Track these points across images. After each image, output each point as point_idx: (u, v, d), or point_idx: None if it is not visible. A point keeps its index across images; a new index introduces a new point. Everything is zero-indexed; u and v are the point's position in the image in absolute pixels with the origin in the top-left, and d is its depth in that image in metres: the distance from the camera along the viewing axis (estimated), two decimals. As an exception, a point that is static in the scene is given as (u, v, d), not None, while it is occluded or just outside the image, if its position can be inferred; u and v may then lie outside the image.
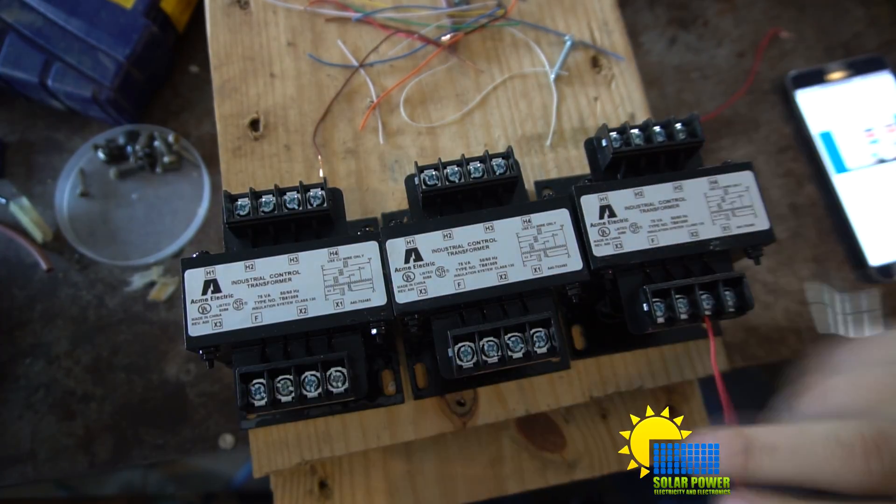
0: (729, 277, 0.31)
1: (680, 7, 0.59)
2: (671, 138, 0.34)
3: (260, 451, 0.37)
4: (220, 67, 0.43)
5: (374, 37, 0.44)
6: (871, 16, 0.58)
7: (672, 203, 0.33)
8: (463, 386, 0.37)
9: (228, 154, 0.41)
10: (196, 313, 0.31)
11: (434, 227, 0.32)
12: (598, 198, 0.33)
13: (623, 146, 0.34)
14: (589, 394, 0.38)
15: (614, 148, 0.34)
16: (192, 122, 0.54)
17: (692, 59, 0.57)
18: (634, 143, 0.34)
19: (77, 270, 0.50)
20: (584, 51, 0.45)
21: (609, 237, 0.32)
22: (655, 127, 0.34)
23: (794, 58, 0.57)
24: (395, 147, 0.42)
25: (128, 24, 0.49)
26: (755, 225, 0.33)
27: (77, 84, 0.48)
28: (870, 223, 0.51)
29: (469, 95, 0.43)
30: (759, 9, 0.58)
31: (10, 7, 0.49)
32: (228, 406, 0.47)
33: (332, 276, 0.32)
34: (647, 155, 0.34)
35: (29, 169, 0.53)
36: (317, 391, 0.29)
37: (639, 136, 0.34)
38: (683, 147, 0.34)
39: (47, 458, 0.46)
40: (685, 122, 0.35)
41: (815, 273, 0.51)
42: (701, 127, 0.34)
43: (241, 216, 0.33)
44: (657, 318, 0.31)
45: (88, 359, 0.48)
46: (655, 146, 0.34)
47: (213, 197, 0.52)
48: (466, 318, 0.32)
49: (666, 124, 0.35)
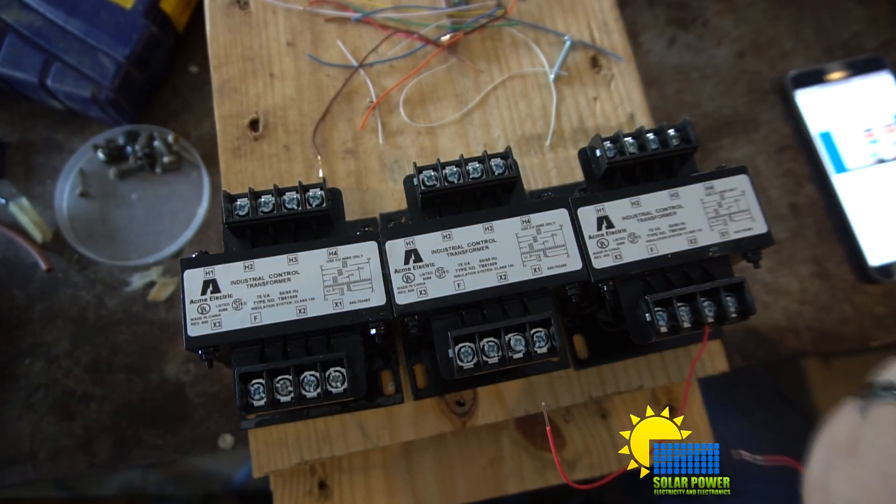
0: (730, 283, 0.31)
1: (679, 7, 0.59)
2: (665, 145, 0.34)
3: (259, 451, 0.37)
4: (220, 67, 0.43)
5: (374, 37, 0.44)
6: (870, 16, 0.58)
7: (669, 211, 0.33)
8: (463, 386, 0.37)
9: (228, 154, 0.41)
10: (195, 313, 0.31)
11: (433, 227, 0.32)
12: (595, 209, 0.33)
13: (617, 155, 0.34)
14: (589, 394, 0.38)
15: (608, 158, 0.34)
16: (191, 122, 0.54)
17: (692, 59, 0.57)
18: (628, 151, 0.34)
19: (77, 270, 0.50)
20: (584, 51, 0.45)
21: (608, 248, 0.32)
22: (649, 134, 0.35)
23: (793, 58, 0.57)
24: (394, 147, 0.42)
25: (127, 24, 0.49)
26: (753, 229, 0.33)
27: (77, 84, 0.48)
28: (869, 223, 0.51)
29: (468, 95, 0.43)
30: (758, 9, 0.58)
31: (10, 7, 0.49)
32: (228, 406, 0.47)
33: (331, 277, 0.32)
34: (642, 163, 0.34)
35: (29, 169, 0.53)
36: (316, 391, 0.29)
37: (632, 144, 0.34)
38: (677, 154, 0.34)
39: (47, 458, 0.46)
40: (678, 128, 0.35)
41: (814, 273, 0.51)
42: (694, 132, 0.34)
43: (241, 216, 0.33)
44: (660, 327, 0.31)
45: (88, 359, 0.48)
46: (650, 154, 0.34)
47: (212, 197, 0.52)
48: (466, 319, 0.32)
49: (659, 131, 0.35)
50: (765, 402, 0.56)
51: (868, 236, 0.50)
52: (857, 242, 0.50)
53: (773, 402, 0.56)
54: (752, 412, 0.54)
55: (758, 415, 0.54)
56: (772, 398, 0.57)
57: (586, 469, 0.40)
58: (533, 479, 0.40)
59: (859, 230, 0.50)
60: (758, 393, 0.57)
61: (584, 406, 0.41)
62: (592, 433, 0.40)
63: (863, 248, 0.50)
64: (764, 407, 0.55)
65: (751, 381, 0.58)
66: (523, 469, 0.40)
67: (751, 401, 0.55)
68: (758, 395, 0.57)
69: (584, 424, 0.41)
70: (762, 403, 0.56)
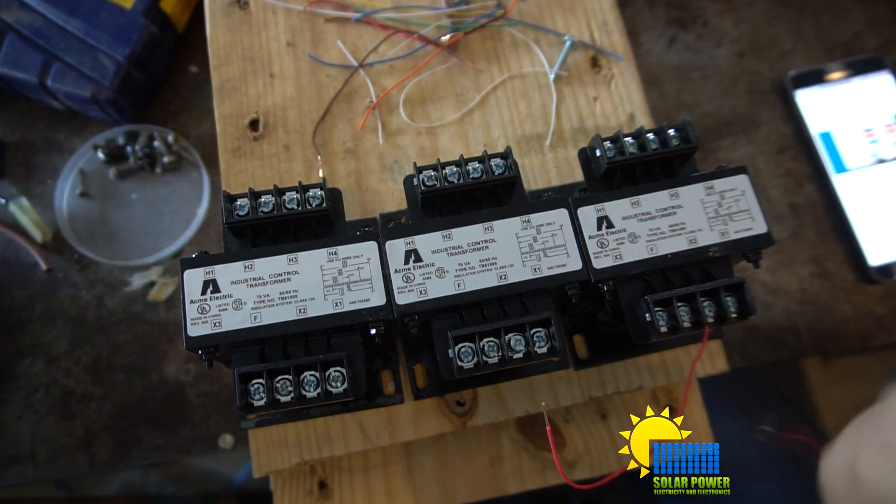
0: (730, 283, 0.31)
1: (679, 7, 0.59)
2: (665, 145, 0.34)
3: (259, 451, 0.37)
4: (220, 67, 0.43)
5: (374, 37, 0.44)
6: (870, 16, 0.58)
7: (669, 211, 0.33)
8: (463, 386, 0.37)
9: (228, 154, 0.41)
10: (195, 313, 0.31)
11: (433, 227, 0.32)
12: (595, 209, 0.33)
13: (617, 155, 0.34)
14: (589, 394, 0.38)
15: (608, 158, 0.34)
16: (191, 122, 0.54)
17: (692, 59, 0.57)
18: (628, 151, 0.34)
19: (77, 270, 0.50)
20: (584, 51, 0.45)
21: (608, 248, 0.32)
22: (649, 134, 0.35)
23: (793, 58, 0.57)
24: (394, 147, 0.42)
25: (127, 24, 0.49)
26: (753, 229, 0.33)
27: (77, 84, 0.48)
28: (869, 223, 0.51)
29: (468, 95, 0.43)
30: (758, 9, 0.58)
31: (10, 7, 0.49)
32: (228, 406, 0.47)
33: (331, 277, 0.32)
34: (642, 163, 0.34)
35: (29, 169, 0.53)
36: (316, 391, 0.29)
37: (632, 144, 0.34)
38: (677, 154, 0.34)
39: (47, 458, 0.46)
40: (678, 128, 0.35)
41: (814, 273, 0.51)
42: (694, 132, 0.34)
43: (241, 216, 0.33)
44: (660, 327, 0.31)
45: (88, 359, 0.48)
46: (650, 154, 0.34)
47: (212, 197, 0.52)
48: (466, 319, 0.32)
49: (659, 131, 0.35)
50: (765, 401, 0.56)
51: (868, 236, 0.50)
52: (857, 242, 0.50)
53: (773, 402, 0.56)
54: (751, 412, 0.54)
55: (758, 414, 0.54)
56: (772, 398, 0.57)
57: (586, 469, 0.40)
58: (533, 479, 0.40)
59: (859, 230, 0.50)
60: (758, 393, 0.57)
61: (584, 406, 0.41)
62: (592, 433, 0.40)
63: (863, 248, 0.50)
64: (764, 407, 0.55)
65: (751, 380, 0.58)
66: (523, 469, 0.40)
67: (751, 400, 0.55)
68: (758, 394, 0.57)
69: (584, 424, 0.41)
70: (762, 403, 0.56)
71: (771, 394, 0.57)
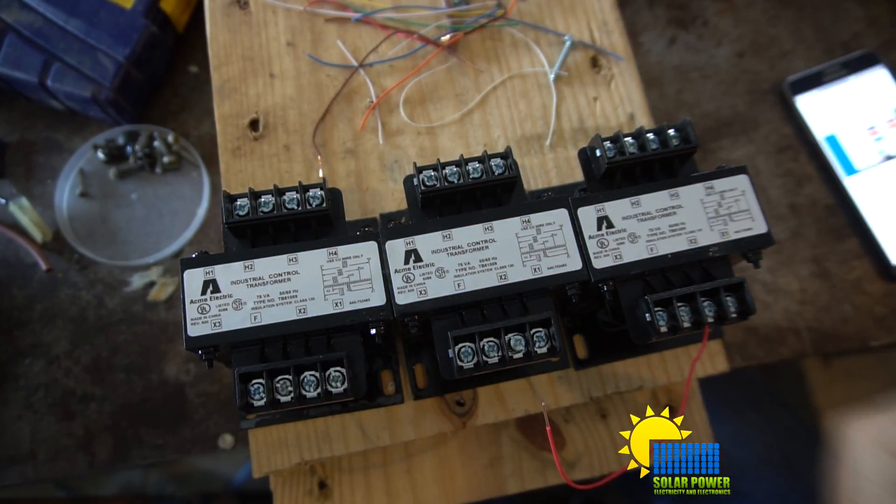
0: (730, 283, 0.31)
1: (679, 7, 0.59)
2: (665, 145, 0.34)
3: (259, 451, 0.37)
4: (220, 67, 0.43)
5: (374, 37, 0.44)
6: (870, 16, 0.58)
7: (669, 211, 0.33)
8: (463, 386, 0.37)
9: (228, 154, 0.41)
10: (195, 313, 0.31)
11: (433, 227, 0.32)
12: (595, 209, 0.33)
13: (617, 155, 0.34)
14: (589, 394, 0.38)
15: (608, 158, 0.34)
16: (191, 122, 0.54)
17: (692, 59, 0.57)
18: (628, 151, 0.34)
19: (77, 270, 0.50)
20: (584, 51, 0.45)
21: (608, 248, 0.32)
22: (649, 134, 0.35)
23: (793, 58, 0.57)
24: (394, 147, 0.42)
25: (127, 24, 0.49)
26: (753, 229, 0.33)
27: (77, 84, 0.48)
28: (887, 221, 0.50)
29: (468, 95, 0.43)
30: (758, 9, 0.58)
31: (10, 7, 0.49)
32: (228, 406, 0.47)
33: (331, 277, 0.32)
34: (642, 163, 0.34)
35: (29, 169, 0.53)
36: (316, 391, 0.29)
37: (632, 144, 0.34)
38: (677, 154, 0.34)
39: (47, 458, 0.46)
40: (678, 128, 0.35)
41: (814, 273, 0.51)
42: (694, 132, 0.34)
43: (241, 216, 0.33)
44: (660, 327, 0.31)
45: (88, 359, 0.48)
46: (650, 154, 0.34)
47: (212, 197, 0.52)
48: (466, 319, 0.32)
49: (659, 131, 0.35)
50: (758, 403, 0.56)
51: (887, 235, 0.50)
52: (877, 242, 0.50)
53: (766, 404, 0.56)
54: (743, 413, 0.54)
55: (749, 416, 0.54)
56: (765, 399, 0.57)
57: (586, 469, 0.40)
58: (533, 479, 0.40)
59: (877, 230, 0.50)
60: (751, 394, 0.57)
61: (584, 406, 0.41)
62: (592, 433, 0.40)
63: (883, 247, 0.50)
64: (757, 408, 0.55)
65: (744, 382, 0.58)
66: (523, 469, 0.40)
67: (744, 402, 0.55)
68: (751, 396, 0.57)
69: (584, 424, 0.41)
70: (755, 405, 0.56)
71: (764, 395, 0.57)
